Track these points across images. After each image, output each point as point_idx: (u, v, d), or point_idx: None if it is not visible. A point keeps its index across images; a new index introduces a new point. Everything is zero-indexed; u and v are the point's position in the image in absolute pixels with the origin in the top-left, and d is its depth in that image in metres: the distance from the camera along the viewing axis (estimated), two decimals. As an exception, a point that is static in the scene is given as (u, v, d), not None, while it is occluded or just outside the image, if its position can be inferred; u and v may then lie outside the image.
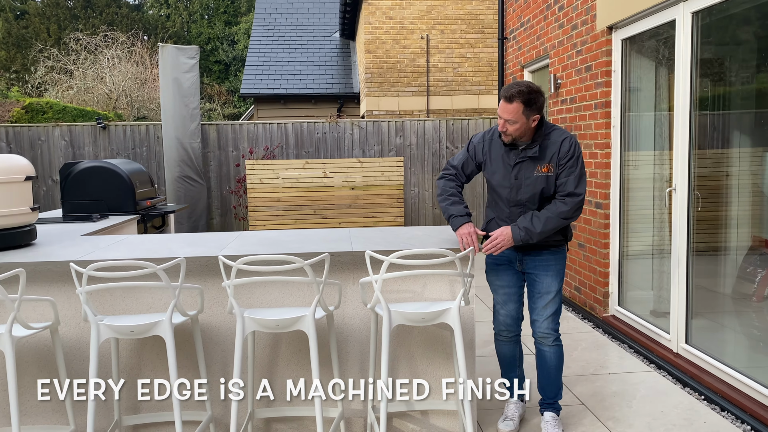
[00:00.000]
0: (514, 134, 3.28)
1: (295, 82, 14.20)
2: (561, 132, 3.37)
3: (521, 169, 3.35)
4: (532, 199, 3.35)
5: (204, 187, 9.24)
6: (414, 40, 12.05)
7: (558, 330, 3.53)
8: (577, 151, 3.32)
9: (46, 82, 24.72)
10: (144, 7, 39.97)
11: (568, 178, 3.28)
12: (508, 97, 3.23)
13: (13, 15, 37.13)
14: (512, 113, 3.22)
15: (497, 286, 3.59)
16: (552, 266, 3.45)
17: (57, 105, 19.01)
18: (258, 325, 3.01)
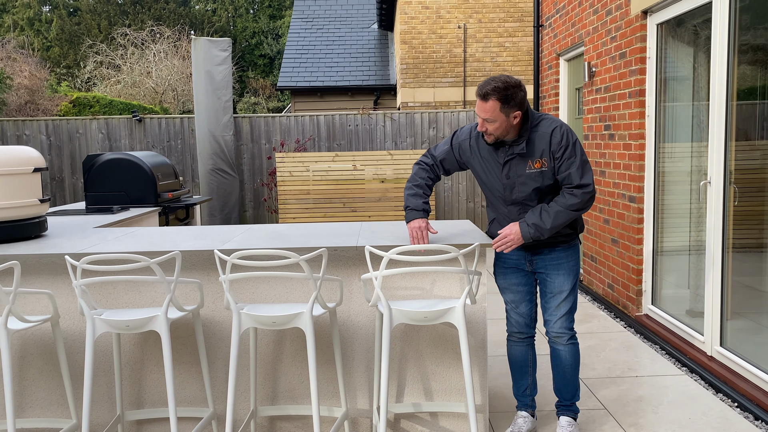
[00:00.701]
0: (496, 133, 3.06)
1: (331, 75, 14.13)
2: (550, 121, 3.11)
3: (512, 167, 3.13)
4: (529, 197, 3.16)
5: (236, 180, 9.25)
6: (450, 30, 11.82)
7: (573, 328, 3.35)
8: (571, 139, 3.07)
9: (95, 76, 25.32)
10: (191, 2, 40.58)
11: (569, 170, 3.05)
12: (483, 95, 3.00)
13: (66, 12, 38.14)
14: (489, 112, 3.00)
15: (507, 289, 3.42)
16: (563, 264, 3.27)
17: (103, 99, 19.43)
18: (255, 322, 2.91)
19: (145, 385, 3.44)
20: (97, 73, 25.48)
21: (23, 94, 18.02)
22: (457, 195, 9.73)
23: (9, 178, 3.48)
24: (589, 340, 5.01)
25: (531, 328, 3.45)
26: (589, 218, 6.49)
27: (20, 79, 18.39)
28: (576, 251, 3.32)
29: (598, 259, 6.27)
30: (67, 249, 3.28)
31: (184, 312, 3.02)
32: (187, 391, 3.45)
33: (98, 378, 3.43)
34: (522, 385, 3.50)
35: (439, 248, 2.79)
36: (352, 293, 3.38)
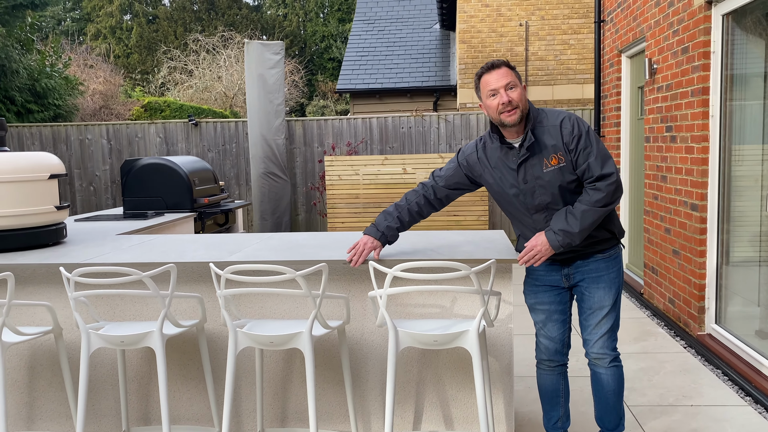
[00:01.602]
0: (520, 104, 2.75)
1: (391, 76, 13.94)
2: (556, 113, 2.84)
3: (527, 169, 2.82)
4: (554, 200, 2.82)
5: (288, 183, 9.17)
6: (511, 28, 11.41)
7: (616, 349, 2.99)
8: (583, 128, 2.78)
9: (168, 81, 26.08)
10: (263, 8, 41.37)
11: (588, 161, 2.74)
12: (491, 64, 2.78)
13: (146, 20, 39.58)
14: (508, 75, 2.75)
15: (537, 309, 3.06)
16: (604, 276, 2.91)
17: (174, 103, 19.92)
18: (252, 341, 2.72)
19: (152, 400, 3.32)
20: (170, 78, 26.23)
21: (98, 99, 18.69)
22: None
23: (23, 184, 3.43)
24: (641, 362, 4.58)
25: (562, 355, 3.10)
26: (650, 227, 6.01)
27: (95, 84, 19.09)
28: (618, 260, 2.95)
29: (659, 272, 5.79)
30: (72, 258, 3.19)
31: (182, 328, 2.86)
32: (194, 408, 3.30)
33: (105, 392, 3.32)
34: (553, 416, 3.18)
35: (448, 265, 2.51)
36: (365, 310, 3.14)
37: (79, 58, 20.10)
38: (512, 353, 3.11)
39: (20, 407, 3.36)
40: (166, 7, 39.84)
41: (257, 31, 34.83)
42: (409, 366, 3.16)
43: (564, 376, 3.15)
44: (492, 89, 2.75)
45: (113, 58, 38.46)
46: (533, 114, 2.82)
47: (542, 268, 3.00)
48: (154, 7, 41.22)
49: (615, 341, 2.99)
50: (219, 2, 38.49)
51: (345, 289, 3.11)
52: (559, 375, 3.13)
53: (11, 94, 12.28)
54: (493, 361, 3.12)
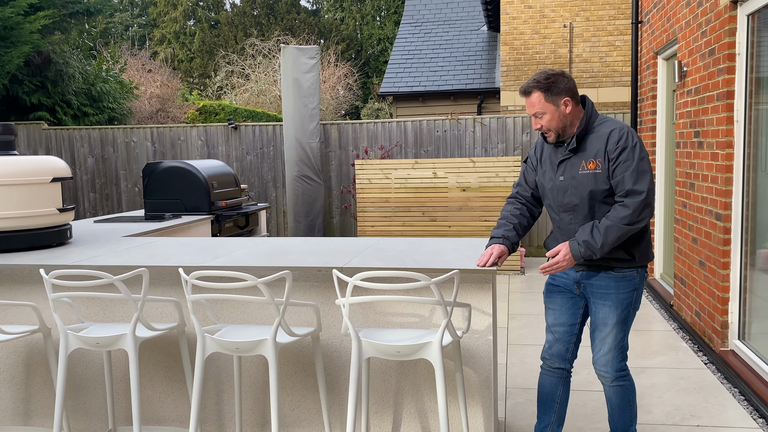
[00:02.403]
0: (552, 127, 2.86)
1: (435, 79, 13.86)
2: (612, 123, 2.87)
3: (566, 167, 2.90)
4: (581, 203, 2.85)
5: (322, 186, 9.23)
6: (555, 30, 11.17)
7: (622, 369, 2.95)
8: (631, 142, 2.78)
9: (225, 85, 26.70)
10: (320, 12, 41.87)
11: (624, 174, 2.74)
12: (524, 91, 2.88)
13: (208, 25, 40.65)
14: (535, 105, 2.85)
15: (549, 309, 3.09)
16: (611, 295, 2.88)
17: (229, 107, 20.39)
18: (219, 347, 2.74)
19: (140, 401, 3.37)
20: (227, 82, 26.84)
21: (155, 102, 19.29)
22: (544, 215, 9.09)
23: (26, 187, 3.56)
24: (655, 377, 4.39)
25: (565, 360, 3.07)
26: (680, 236, 5.76)
27: (153, 88, 19.71)
28: (631, 284, 2.90)
29: (687, 283, 5.54)
30: (65, 260, 3.28)
31: (156, 331, 2.91)
32: (179, 410, 3.34)
33: (96, 390, 3.41)
34: (544, 420, 3.13)
35: (406, 275, 2.46)
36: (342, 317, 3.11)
37: (138, 63, 20.79)
38: (491, 366, 3.03)
39: (17, 402, 3.48)
40: (228, 12, 40.81)
41: (314, 35, 35.24)
42: (387, 376, 3.12)
43: (565, 382, 3.10)
44: (528, 112, 2.92)
45: (176, 62, 39.67)
46: (590, 119, 2.90)
47: (561, 273, 3.04)
48: (216, 12, 42.31)
49: (621, 361, 2.95)
50: (278, 7, 39.18)
51: (324, 296, 3.10)
52: (559, 379, 3.09)
53: (68, 97, 12.81)
54: (471, 373, 3.04)
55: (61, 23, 12.40)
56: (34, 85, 12.29)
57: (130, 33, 43.54)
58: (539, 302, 6.52)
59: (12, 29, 10.47)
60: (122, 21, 43.81)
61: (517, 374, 4.52)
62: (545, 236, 9.08)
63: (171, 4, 41.97)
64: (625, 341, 2.93)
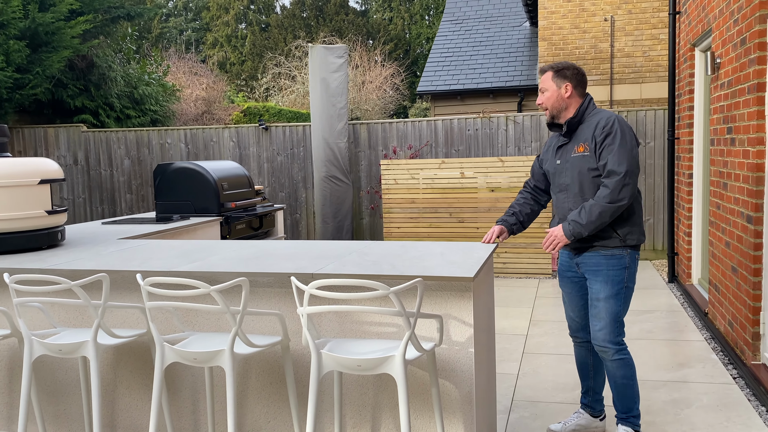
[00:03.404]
0: (548, 105, 3.25)
1: (474, 77, 13.58)
2: (603, 113, 3.21)
3: (563, 152, 3.28)
4: (572, 182, 3.21)
5: (350, 187, 9.11)
6: (596, 23, 10.75)
7: (618, 342, 3.20)
8: (616, 127, 3.09)
9: (272, 87, 26.94)
10: (369, 12, 41.88)
11: (608, 156, 3.07)
12: (541, 70, 3.30)
13: (258, 28, 41.20)
14: (543, 81, 3.27)
15: (563, 292, 3.49)
16: (602, 271, 3.19)
17: (273, 108, 20.53)
18: (178, 357, 2.62)
19: (118, 408, 3.30)
20: (274, 83, 27.06)
21: (200, 104, 19.57)
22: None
23: (11, 189, 3.53)
24: (675, 392, 4.07)
25: (587, 333, 3.43)
26: (713, 239, 5.38)
27: (198, 91, 20.01)
28: (620, 262, 3.18)
29: (720, 290, 5.17)
30: (42, 264, 3.23)
31: (119, 339, 2.81)
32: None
33: (76, 396, 3.34)
34: (584, 385, 3.54)
35: (363, 283, 2.28)
36: (321, 326, 2.95)
37: (185, 66, 21.15)
38: (473, 380, 2.81)
39: (1, 407, 3.45)
40: (278, 14, 41.27)
41: (362, 36, 35.25)
42: (365, 389, 2.94)
43: (594, 351, 3.43)
44: None
45: (228, 65, 40.33)
46: (585, 110, 3.23)
47: (564, 257, 3.40)
48: (266, 15, 42.85)
49: (617, 335, 3.19)
50: (327, 8, 39.37)
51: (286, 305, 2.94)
52: (587, 350, 3.46)
53: (111, 100, 13.07)
54: (451, 388, 2.83)
55: (103, 28, 12.66)
56: (78, 88, 12.58)
57: (184, 37, 44.52)
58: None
59: (53, 34, 10.72)
60: (176, 25, 44.82)
61: (527, 385, 4.28)
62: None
63: (223, 8, 42.70)
64: (621, 318, 3.19)
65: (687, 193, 6.66)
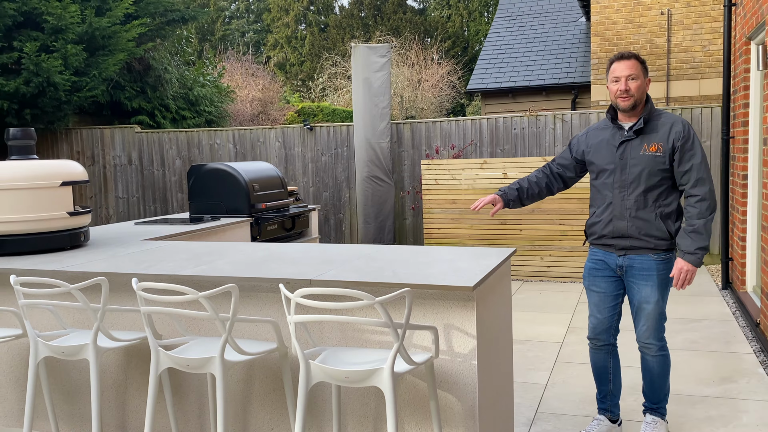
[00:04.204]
0: (636, 93, 3.13)
1: (526, 74, 13.27)
2: (673, 116, 3.20)
3: (626, 148, 3.19)
4: (637, 179, 3.15)
5: (392, 187, 9.02)
6: (651, 18, 10.31)
7: (662, 339, 3.26)
8: (692, 133, 3.13)
9: (328, 87, 27.12)
10: (427, 10, 41.69)
11: (692, 162, 3.08)
12: (622, 55, 3.17)
13: (318, 29, 41.61)
14: (632, 68, 3.13)
15: (591, 291, 3.38)
16: (653, 275, 3.18)
17: (327, 108, 20.66)
18: (173, 363, 2.59)
19: (128, 409, 3.32)
20: (330, 84, 27.24)
21: (256, 105, 19.88)
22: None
23: (33, 191, 3.60)
24: (714, 408, 3.82)
25: (609, 335, 3.38)
26: (766, 244, 5.05)
27: (254, 92, 20.33)
28: (669, 264, 3.21)
29: (772, 299, 4.84)
30: (57, 265, 3.28)
31: (120, 342, 2.81)
32: (165, 420, 3.25)
33: (87, 396, 3.38)
34: (602, 390, 3.49)
35: (347, 293, 2.19)
36: (323, 334, 2.88)
37: (242, 67, 21.51)
38: (476, 393, 2.68)
39: (22, 404, 3.52)
40: (336, 15, 41.56)
41: (419, 34, 35.11)
42: (366, 399, 2.85)
43: (612, 355, 3.41)
44: (616, 76, 3.15)
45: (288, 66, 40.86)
46: (650, 107, 3.19)
47: (600, 255, 3.32)
48: (325, 16, 43.22)
49: (662, 331, 3.25)
50: (385, 8, 39.39)
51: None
52: (607, 354, 3.41)
53: (166, 102, 13.40)
54: (454, 401, 2.71)
55: (158, 31, 12.98)
56: (135, 90, 12.94)
57: (246, 39, 45.40)
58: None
59: (109, 38, 11.05)
60: (239, 28, 45.74)
61: (554, 396, 4.10)
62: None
63: (283, 9, 43.31)
64: (665, 314, 3.23)
65: (741, 195, 6.29)
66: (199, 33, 39.93)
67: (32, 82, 10.00)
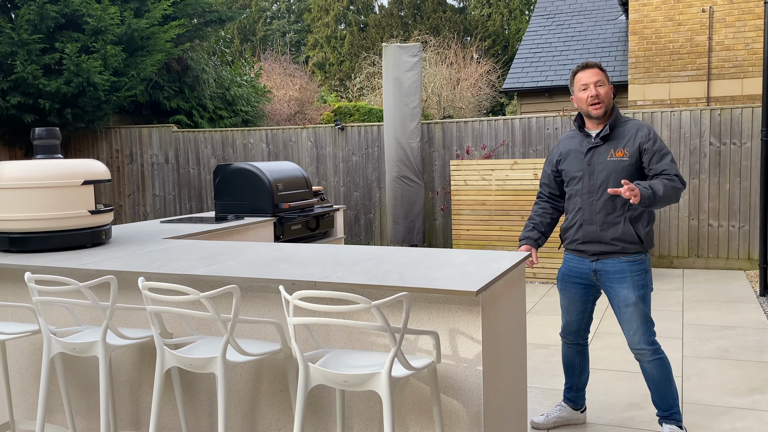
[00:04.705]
0: (605, 98, 3.24)
1: (563, 73, 13.07)
2: (639, 122, 3.31)
3: (594, 154, 3.29)
4: (604, 184, 3.24)
5: (422, 188, 8.98)
6: (692, 15, 10.03)
7: (654, 343, 3.28)
8: (658, 135, 3.23)
9: (365, 86, 27.16)
10: (467, 9, 41.44)
11: (663, 161, 3.17)
12: (585, 65, 3.29)
13: (357, 28, 41.73)
14: (598, 75, 3.25)
15: (563, 295, 3.53)
16: (627, 277, 3.26)
17: (364, 107, 20.71)
18: (177, 362, 2.61)
19: (142, 406, 3.36)
20: (368, 83, 27.28)
21: (293, 105, 20.03)
22: (677, 210, 8.17)
23: (55, 190, 3.68)
24: (739, 420, 3.68)
25: (579, 336, 3.56)
26: (803, 251, 4.85)
27: (291, 91, 20.49)
28: (642, 266, 3.27)
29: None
30: (73, 263, 3.34)
31: (128, 340, 2.84)
32: (176, 418, 3.28)
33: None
34: (569, 382, 3.67)
35: (343, 296, 2.16)
36: (330, 336, 2.87)
37: (279, 67, 21.71)
38: (481, 399, 2.63)
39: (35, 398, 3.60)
40: (376, 14, 41.62)
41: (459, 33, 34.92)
42: (372, 402, 2.83)
43: (581, 353, 3.59)
44: (584, 84, 3.26)
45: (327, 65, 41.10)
46: (616, 114, 3.30)
47: (573, 263, 3.42)
48: (365, 15, 43.32)
49: (652, 335, 3.28)
50: (425, 7, 39.29)
51: (306, 310, 2.87)
52: (576, 352, 3.60)
53: (204, 101, 13.60)
54: (459, 407, 2.67)
55: (196, 31, 13.18)
56: (173, 90, 13.17)
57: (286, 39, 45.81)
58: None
59: (148, 39, 11.26)
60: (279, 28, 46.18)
61: (573, 404, 4.00)
62: (666, 244, 8.18)
63: (324, 9, 43.55)
64: (650, 318, 3.27)
65: (781, 198, 6.06)
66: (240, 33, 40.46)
67: (73, 82, 10.25)
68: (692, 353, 4.91)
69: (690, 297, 6.64)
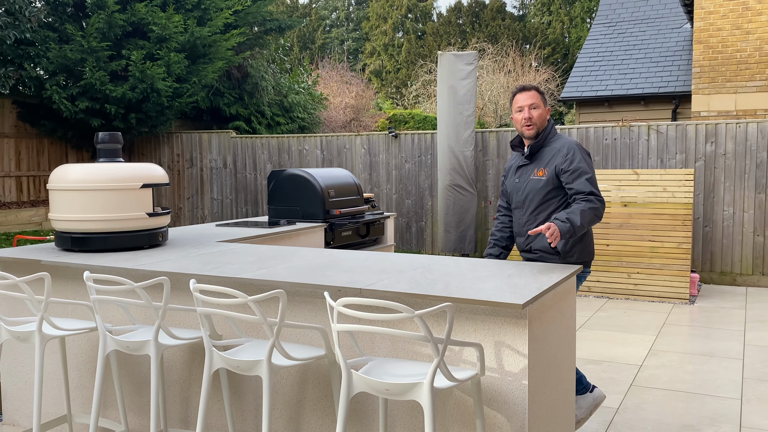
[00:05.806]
0: (537, 121, 3.37)
1: (624, 82, 12.78)
2: (565, 140, 3.40)
3: (523, 172, 3.48)
4: (526, 199, 3.44)
5: (475, 197, 8.91)
6: (761, 24, 9.67)
7: None
8: (578, 155, 3.32)
9: (421, 94, 27.19)
10: (527, 17, 41.05)
11: (578, 180, 3.25)
12: (523, 87, 3.43)
13: (415, 36, 41.84)
14: (533, 98, 3.39)
15: None
16: None
17: (419, 115, 20.73)
18: (225, 363, 2.66)
19: (191, 405, 3.43)
20: (424, 91, 27.31)
21: (349, 112, 20.22)
22: (741, 225, 7.87)
23: (116, 192, 3.81)
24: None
25: None
26: None
27: (348, 99, 20.69)
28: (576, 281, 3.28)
29: None
30: (131, 263, 3.44)
31: (179, 340, 2.91)
32: (224, 419, 3.34)
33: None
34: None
35: (387, 305, 2.17)
36: (374, 342, 2.87)
37: (336, 74, 21.95)
38: (525, 414, 2.59)
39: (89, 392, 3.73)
40: (434, 22, 41.65)
41: (517, 41, 34.60)
42: (414, 412, 2.82)
43: None
44: (519, 106, 3.42)
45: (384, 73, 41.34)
46: (550, 135, 3.43)
47: None
48: (423, 23, 43.41)
49: None
50: (483, 14, 39.10)
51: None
52: None
53: (262, 108, 13.87)
54: (503, 420, 2.63)
55: (257, 39, 13.46)
56: (233, 97, 13.48)
57: (345, 47, 46.33)
58: (696, 337, 5.63)
59: (209, 47, 11.57)
60: (338, 36, 46.74)
61: (623, 422, 3.90)
62: (728, 260, 7.89)
63: (382, 17, 43.85)
64: None
65: None
66: (299, 41, 41.10)
67: (137, 88, 10.61)
68: (753, 375, 4.71)
69: (753, 317, 6.38)
